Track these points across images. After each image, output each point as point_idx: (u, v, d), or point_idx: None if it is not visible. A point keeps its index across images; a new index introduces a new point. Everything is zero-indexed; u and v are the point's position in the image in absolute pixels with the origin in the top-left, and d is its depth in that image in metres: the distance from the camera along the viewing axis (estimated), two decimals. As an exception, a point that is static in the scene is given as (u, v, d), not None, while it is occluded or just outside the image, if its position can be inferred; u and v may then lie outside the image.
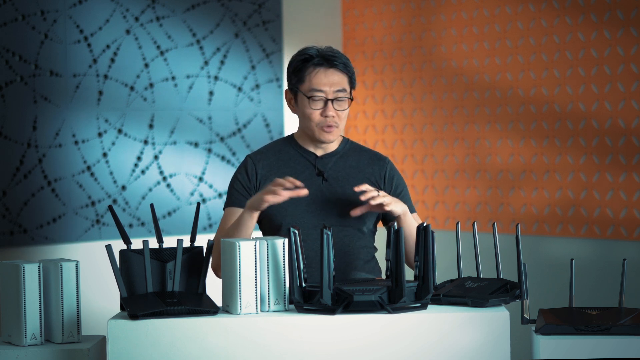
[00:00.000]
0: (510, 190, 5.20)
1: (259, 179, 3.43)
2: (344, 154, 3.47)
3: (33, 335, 2.97)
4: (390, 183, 3.47)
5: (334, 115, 3.37)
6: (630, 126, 4.72)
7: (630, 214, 4.73)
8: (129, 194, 5.31)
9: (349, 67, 3.41)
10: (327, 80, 3.37)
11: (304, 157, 3.45)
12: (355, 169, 3.45)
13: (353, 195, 3.37)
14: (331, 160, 3.45)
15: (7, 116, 4.98)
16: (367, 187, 3.29)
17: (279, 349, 2.87)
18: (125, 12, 5.29)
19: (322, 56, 3.39)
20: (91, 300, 5.00)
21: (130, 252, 3.01)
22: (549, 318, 2.96)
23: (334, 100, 3.37)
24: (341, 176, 3.43)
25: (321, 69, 3.37)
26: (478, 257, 3.19)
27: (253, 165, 3.45)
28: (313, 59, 3.38)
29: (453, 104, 5.46)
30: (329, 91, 3.37)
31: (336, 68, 3.38)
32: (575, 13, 4.90)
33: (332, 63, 3.38)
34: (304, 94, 3.38)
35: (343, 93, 3.38)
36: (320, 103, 3.37)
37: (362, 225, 3.40)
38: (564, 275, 4.58)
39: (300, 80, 3.39)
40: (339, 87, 3.37)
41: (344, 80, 3.39)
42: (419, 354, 2.87)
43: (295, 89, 3.41)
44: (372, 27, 5.86)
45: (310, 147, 3.45)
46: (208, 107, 5.53)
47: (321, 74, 3.37)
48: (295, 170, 3.43)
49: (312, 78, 3.37)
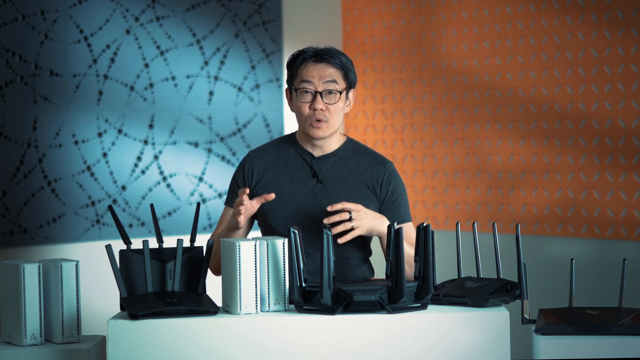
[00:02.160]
0: (510, 190, 5.20)
1: (255, 177, 3.42)
2: (343, 155, 3.43)
3: (33, 335, 2.97)
4: (386, 188, 3.41)
5: (322, 108, 3.33)
6: (630, 126, 4.72)
7: (630, 214, 4.73)
8: (129, 194, 5.31)
9: (344, 63, 3.36)
10: (317, 72, 3.33)
11: (302, 157, 3.43)
12: (353, 173, 3.41)
13: (346, 199, 3.35)
14: (328, 162, 3.42)
15: (7, 116, 4.98)
16: (343, 207, 3.23)
17: (279, 349, 2.87)
18: (125, 12, 5.28)
19: (314, 51, 3.37)
20: (91, 300, 5.00)
21: (130, 252, 3.01)
22: (549, 318, 2.96)
23: (322, 92, 3.33)
24: (337, 179, 3.40)
25: (311, 62, 3.35)
26: (478, 257, 3.19)
27: (250, 164, 3.44)
28: (305, 54, 3.37)
29: (453, 104, 5.46)
30: (317, 83, 3.33)
31: (327, 62, 3.35)
32: (575, 13, 4.90)
33: (323, 57, 3.35)
34: (294, 88, 3.37)
35: (333, 84, 3.33)
36: (309, 96, 3.34)
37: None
38: (564, 275, 4.58)
39: (292, 75, 3.38)
40: (328, 79, 3.33)
41: (335, 73, 3.34)
42: (419, 354, 2.87)
43: (290, 85, 3.40)
44: (372, 27, 5.86)
45: (308, 147, 3.43)
46: (208, 107, 5.53)
47: (310, 66, 3.34)
48: (292, 170, 3.41)
49: (301, 71, 3.35)
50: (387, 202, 3.41)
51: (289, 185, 3.39)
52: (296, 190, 3.38)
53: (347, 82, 3.38)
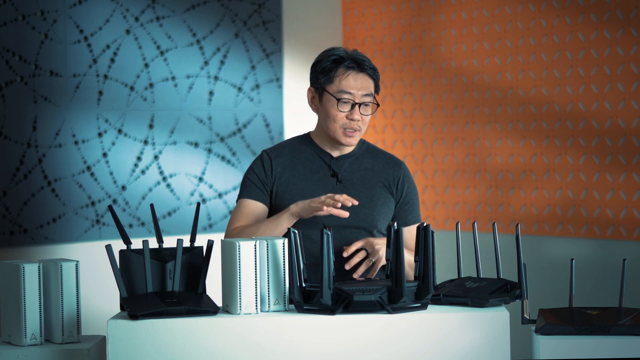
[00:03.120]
0: (510, 190, 5.20)
1: (274, 175, 3.44)
2: (359, 155, 3.48)
3: (33, 335, 2.97)
4: (402, 189, 3.48)
5: (359, 119, 3.38)
6: (630, 126, 4.72)
7: (630, 214, 4.73)
8: (129, 194, 5.31)
9: (376, 72, 3.43)
10: (357, 84, 3.38)
11: (320, 157, 3.46)
12: (370, 172, 3.46)
13: (366, 198, 3.40)
14: (346, 162, 3.46)
15: (7, 116, 4.98)
16: (356, 247, 3.29)
17: (279, 349, 2.87)
18: (125, 12, 5.28)
19: (353, 59, 3.40)
20: (91, 300, 5.00)
21: (130, 252, 3.01)
22: (549, 318, 2.96)
23: (361, 104, 3.38)
24: (355, 178, 3.44)
25: (352, 72, 3.39)
26: (478, 257, 3.19)
27: (269, 161, 3.46)
28: (344, 61, 3.39)
29: (453, 104, 5.46)
30: (357, 95, 3.38)
31: (366, 72, 3.40)
32: (575, 13, 4.90)
33: (363, 67, 3.40)
34: (332, 95, 3.39)
35: (370, 98, 3.40)
36: (348, 106, 3.38)
37: (372, 227, 3.41)
38: (564, 275, 4.58)
39: (329, 81, 3.39)
40: (367, 92, 3.39)
41: (371, 85, 3.41)
42: (419, 354, 2.87)
43: (321, 88, 3.41)
44: (372, 27, 5.86)
45: (327, 148, 3.46)
46: (208, 107, 5.53)
47: (351, 77, 3.39)
48: (311, 170, 3.44)
49: (342, 80, 3.39)
50: (402, 202, 3.48)
51: (309, 184, 3.41)
52: (317, 190, 3.40)
53: (376, 91, 3.45)
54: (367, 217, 3.39)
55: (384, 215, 3.43)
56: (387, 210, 3.44)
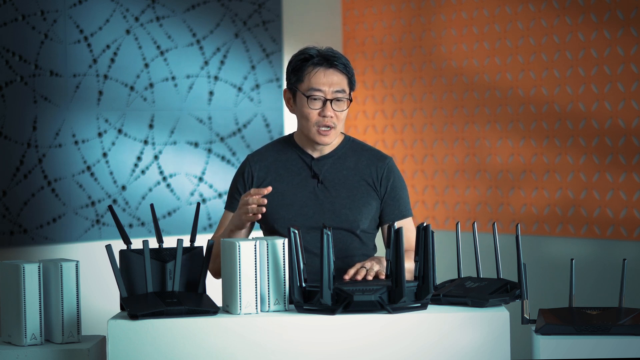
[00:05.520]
0: (510, 190, 5.20)
1: (255, 181, 3.42)
2: (342, 154, 3.44)
3: (33, 335, 2.97)
4: (385, 184, 3.42)
5: (332, 115, 3.34)
6: (630, 126, 4.72)
7: (630, 214, 4.73)
8: (129, 194, 5.31)
9: (348, 68, 3.38)
10: (327, 80, 3.34)
11: (301, 159, 3.43)
12: (353, 171, 3.41)
13: (347, 198, 3.37)
14: (328, 162, 3.42)
15: (7, 116, 4.98)
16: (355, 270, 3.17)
17: (279, 349, 2.87)
18: (125, 12, 5.29)
19: (322, 56, 3.37)
20: (91, 300, 5.00)
21: (130, 252, 3.01)
22: (549, 318, 2.96)
23: (332, 100, 3.35)
24: (337, 178, 3.40)
25: (321, 69, 3.35)
26: (478, 257, 3.19)
27: (250, 168, 3.44)
28: (313, 59, 3.36)
29: (453, 104, 5.46)
30: (328, 91, 3.34)
31: (336, 68, 3.36)
32: (575, 13, 4.90)
33: (332, 63, 3.35)
34: (302, 93, 3.36)
35: (342, 94, 3.35)
36: (319, 103, 3.35)
37: (355, 228, 3.38)
38: (564, 275, 4.58)
39: (299, 80, 3.37)
40: (338, 88, 3.35)
41: (343, 80, 3.36)
42: (419, 354, 2.87)
43: (294, 88, 3.39)
44: (372, 27, 5.86)
45: (308, 149, 3.43)
46: (208, 107, 5.53)
47: (320, 74, 3.35)
48: (292, 172, 3.41)
49: (311, 77, 3.35)
50: (387, 197, 3.42)
51: (290, 187, 3.39)
52: (297, 192, 3.38)
53: (350, 87, 3.39)
54: (348, 218, 3.36)
55: (366, 215, 3.38)
56: (370, 209, 3.39)
